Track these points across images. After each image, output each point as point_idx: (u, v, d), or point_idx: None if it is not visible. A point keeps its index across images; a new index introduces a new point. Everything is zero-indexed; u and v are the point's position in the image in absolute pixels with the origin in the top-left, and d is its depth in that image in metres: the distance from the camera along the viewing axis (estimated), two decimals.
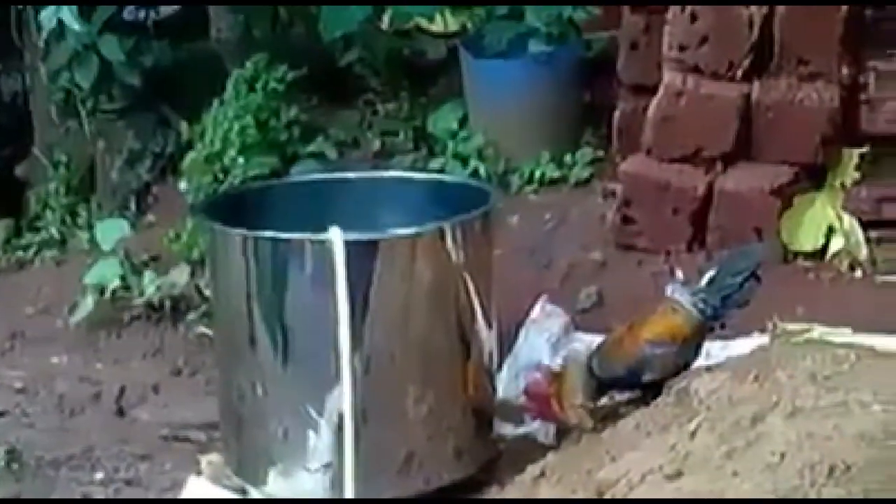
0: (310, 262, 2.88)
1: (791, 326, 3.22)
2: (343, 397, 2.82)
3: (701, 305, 2.93)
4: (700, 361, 3.03)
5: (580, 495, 2.63)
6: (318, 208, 3.18)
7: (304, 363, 2.92)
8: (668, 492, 2.40)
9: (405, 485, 2.98)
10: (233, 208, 3.17)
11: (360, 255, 2.86)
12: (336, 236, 2.82)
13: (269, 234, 2.91)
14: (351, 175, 3.42)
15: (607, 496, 2.55)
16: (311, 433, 2.94)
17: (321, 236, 2.83)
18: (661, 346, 2.93)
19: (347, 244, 2.82)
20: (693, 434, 2.51)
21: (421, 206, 3.20)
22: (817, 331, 3.13)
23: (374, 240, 2.90)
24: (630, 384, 3.02)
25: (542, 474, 2.87)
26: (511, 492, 2.93)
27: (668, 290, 3.01)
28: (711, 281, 2.98)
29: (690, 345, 2.96)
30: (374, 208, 3.23)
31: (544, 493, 2.77)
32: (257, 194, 3.38)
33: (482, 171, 4.08)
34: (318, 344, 2.88)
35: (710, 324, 2.97)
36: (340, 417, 2.85)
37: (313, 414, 2.91)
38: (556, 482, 2.79)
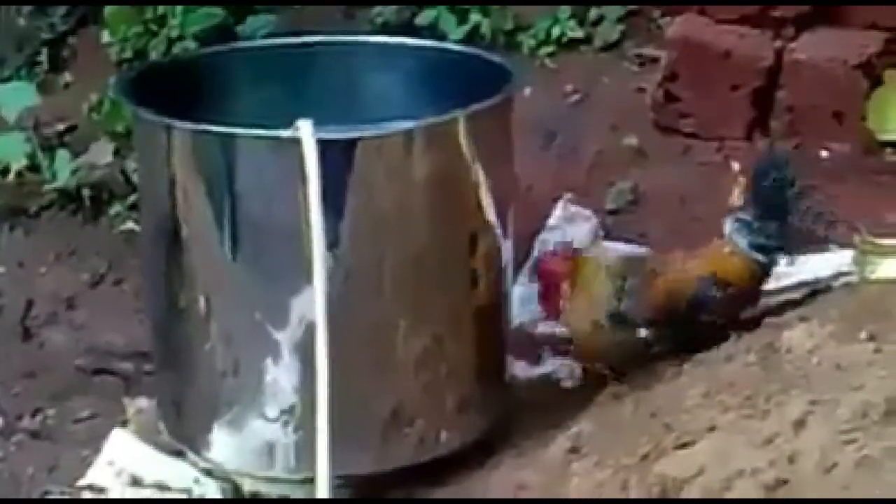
0: (270, 159, 2.50)
1: (884, 241, 2.82)
2: (316, 314, 2.39)
3: (760, 245, 2.66)
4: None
5: (634, 493, 2.13)
6: (278, 84, 2.83)
7: (263, 272, 2.54)
8: None
9: (390, 449, 2.59)
10: (167, 79, 2.80)
11: (338, 153, 2.45)
12: (306, 134, 2.39)
13: (218, 129, 2.50)
14: (323, 39, 2.96)
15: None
16: (268, 362, 2.55)
17: (286, 133, 2.41)
18: (717, 286, 2.66)
19: (322, 143, 2.39)
20: (800, 424, 2.01)
21: (415, 84, 2.82)
22: None
23: (354, 139, 2.49)
24: (678, 323, 2.68)
25: (575, 449, 2.39)
26: (531, 469, 2.45)
27: (726, 227, 2.70)
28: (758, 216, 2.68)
29: (751, 291, 2.69)
30: (351, 86, 2.85)
31: (579, 482, 2.27)
32: (197, 64, 2.96)
33: (484, 27, 3.66)
34: (280, 248, 2.52)
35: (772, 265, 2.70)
36: (309, 342, 2.44)
37: (273, 334, 2.52)
38: (596, 464, 2.29)
